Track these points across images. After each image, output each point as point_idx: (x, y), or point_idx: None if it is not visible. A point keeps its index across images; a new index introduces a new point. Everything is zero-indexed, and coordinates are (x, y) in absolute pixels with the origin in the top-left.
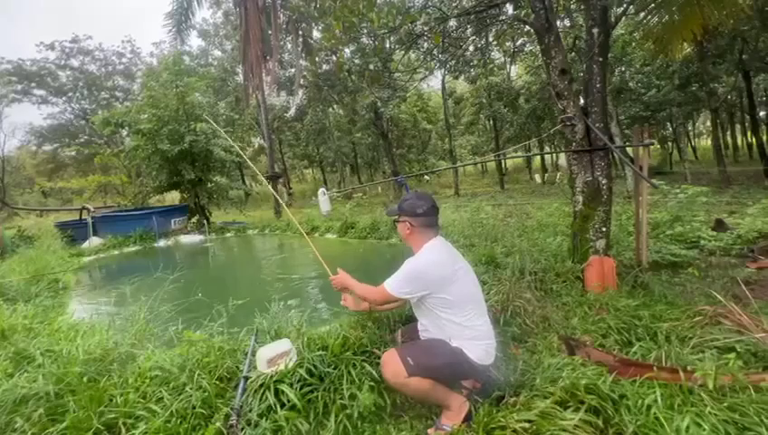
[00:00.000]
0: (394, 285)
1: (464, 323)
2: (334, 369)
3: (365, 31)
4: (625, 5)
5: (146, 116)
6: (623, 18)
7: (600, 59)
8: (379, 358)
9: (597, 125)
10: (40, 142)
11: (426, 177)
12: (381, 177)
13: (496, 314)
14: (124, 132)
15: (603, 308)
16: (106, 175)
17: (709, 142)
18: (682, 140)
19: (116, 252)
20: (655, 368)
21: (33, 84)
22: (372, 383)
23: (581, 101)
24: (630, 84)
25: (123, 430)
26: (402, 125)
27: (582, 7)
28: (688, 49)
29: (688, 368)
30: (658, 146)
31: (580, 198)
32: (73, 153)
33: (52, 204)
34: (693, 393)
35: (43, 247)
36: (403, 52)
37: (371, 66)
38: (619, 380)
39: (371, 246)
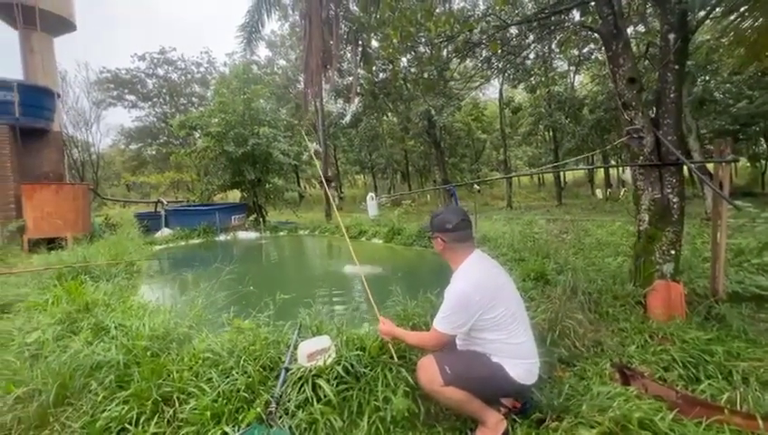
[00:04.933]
0: (445, 323)
1: (506, 341)
2: (370, 370)
3: (422, 40)
4: (709, 8)
5: (216, 120)
6: (707, 22)
7: (676, 67)
8: (416, 365)
9: (669, 138)
10: (128, 142)
11: (476, 187)
12: (432, 185)
13: (543, 333)
14: (197, 134)
15: (667, 338)
16: (179, 172)
17: None
18: None
19: (182, 243)
20: (726, 411)
21: (126, 90)
22: (407, 389)
23: (652, 112)
24: (716, 95)
25: (177, 404)
26: (456, 134)
27: (658, 11)
28: None
29: None
30: (748, 164)
31: (646, 217)
32: (153, 152)
33: (134, 196)
34: None
35: (124, 234)
36: (459, 60)
37: (426, 75)
38: (681, 419)
39: (417, 253)
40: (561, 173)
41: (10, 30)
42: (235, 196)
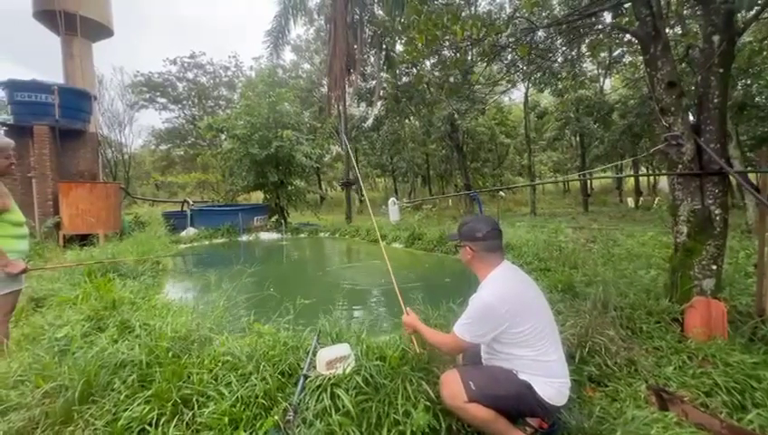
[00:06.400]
0: (465, 329)
1: (535, 358)
2: (390, 381)
3: (447, 43)
4: (758, 8)
5: (242, 123)
6: (753, 23)
7: (721, 70)
8: (438, 378)
9: (712, 146)
10: (158, 142)
11: (500, 193)
12: (453, 190)
13: (571, 349)
14: (223, 136)
15: (707, 360)
16: (205, 173)
17: None
18: None
19: (206, 242)
20: None
21: (157, 93)
22: (428, 403)
23: (692, 117)
24: (757, 99)
25: (196, 407)
26: (478, 138)
27: (698, 12)
28: None
29: None
30: None
31: (684, 229)
32: (181, 153)
33: (162, 195)
34: None
35: (152, 232)
36: (485, 64)
37: (451, 79)
38: None
39: (437, 259)
40: (588, 180)
41: (53, 36)
42: (258, 197)
